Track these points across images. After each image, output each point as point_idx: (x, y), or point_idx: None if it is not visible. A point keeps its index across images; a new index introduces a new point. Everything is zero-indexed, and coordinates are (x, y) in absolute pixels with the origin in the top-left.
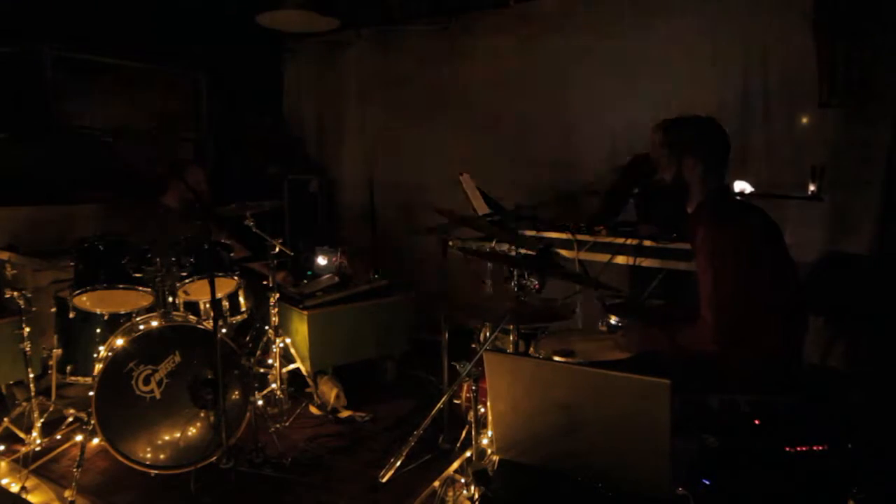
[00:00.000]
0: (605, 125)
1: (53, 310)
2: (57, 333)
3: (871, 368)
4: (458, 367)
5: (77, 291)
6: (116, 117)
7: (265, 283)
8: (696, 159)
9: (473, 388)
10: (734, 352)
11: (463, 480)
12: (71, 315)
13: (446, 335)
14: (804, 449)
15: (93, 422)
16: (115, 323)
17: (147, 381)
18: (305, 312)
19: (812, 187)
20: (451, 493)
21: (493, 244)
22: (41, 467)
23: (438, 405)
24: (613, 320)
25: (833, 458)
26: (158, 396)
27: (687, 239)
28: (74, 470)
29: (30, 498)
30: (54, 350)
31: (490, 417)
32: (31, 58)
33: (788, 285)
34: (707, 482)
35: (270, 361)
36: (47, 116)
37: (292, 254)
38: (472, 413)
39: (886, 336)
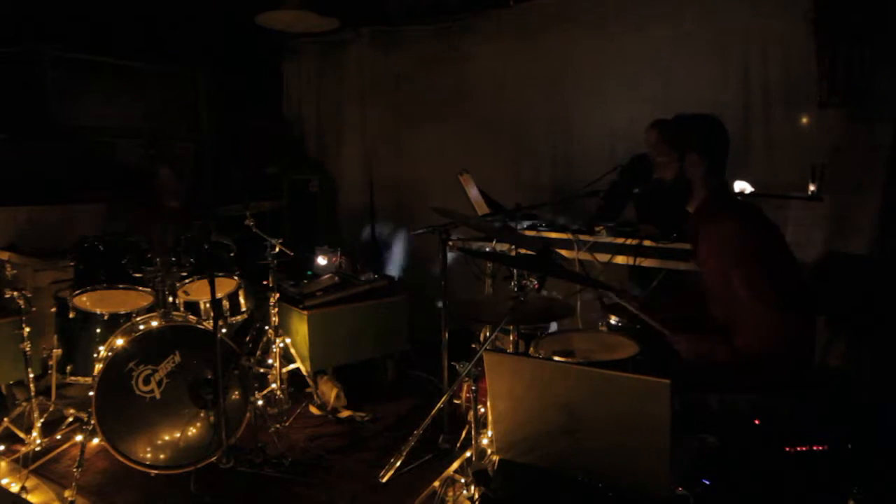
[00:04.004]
0: (605, 125)
1: (53, 310)
2: (57, 333)
3: (871, 368)
4: (458, 367)
5: (77, 291)
6: (116, 117)
7: (265, 282)
8: (699, 156)
9: (473, 388)
10: (761, 351)
11: (463, 480)
12: (71, 315)
13: (446, 335)
14: (804, 449)
15: (93, 422)
16: (115, 323)
17: (147, 381)
18: (305, 312)
19: (812, 187)
20: (451, 493)
21: (493, 244)
22: (41, 467)
23: (438, 405)
24: (613, 320)
25: (833, 458)
26: (158, 396)
27: (688, 238)
28: (74, 470)
29: (30, 498)
30: (54, 350)
31: (490, 417)
32: (31, 58)
33: (802, 282)
34: (707, 482)
35: (270, 361)
36: (47, 116)
37: (292, 254)
38: (472, 413)
39: (886, 336)
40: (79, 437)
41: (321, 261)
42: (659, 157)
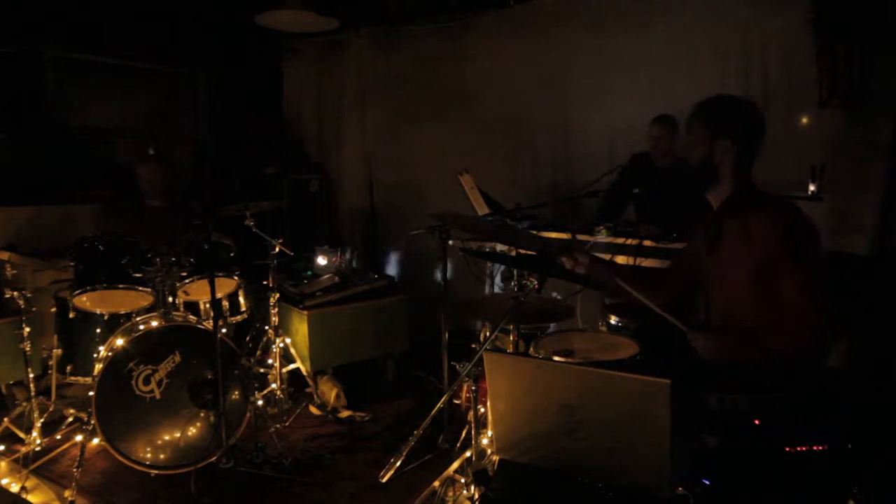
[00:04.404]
0: (605, 125)
1: (53, 310)
2: (57, 333)
3: (871, 368)
4: (458, 367)
5: (77, 291)
6: (116, 117)
7: (265, 282)
8: (732, 141)
9: (473, 388)
10: (796, 351)
11: (463, 480)
12: (71, 315)
13: (446, 335)
14: (804, 449)
15: (93, 422)
16: (115, 323)
17: (147, 381)
18: (305, 312)
19: (812, 187)
20: (451, 493)
21: (494, 244)
22: (41, 467)
23: (438, 405)
24: (613, 320)
25: (833, 458)
26: (158, 396)
27: (697, 230)
28: (74, 470)
29: (30, 498)
30: (54, 350)
31: (490, 417)
32: (31, 58)
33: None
34: (707, 482)
35: (270, 361)
36: (47, 116)
37: (292, 254)
38: (472, 413)
39: (886, 336)
40: (79, 437)
41: (321, 261)
42: (687, 136)
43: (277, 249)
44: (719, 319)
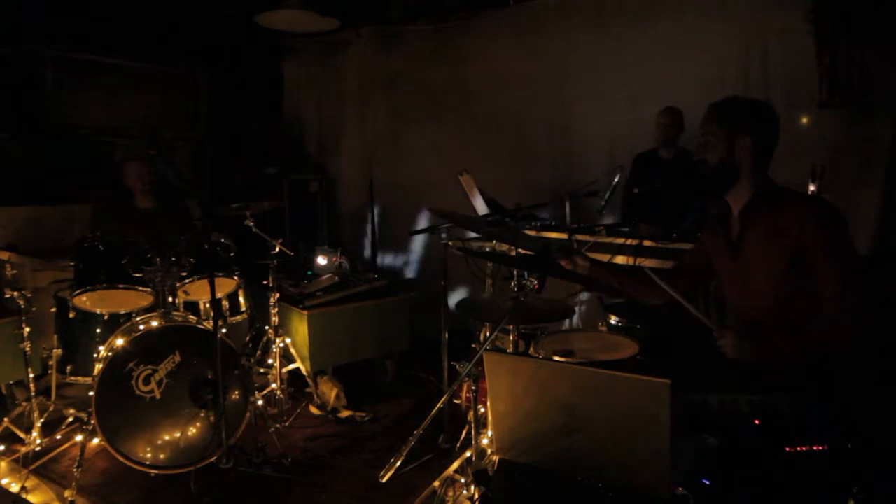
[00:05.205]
0: (606, 124)
1: (53, 310)
2: (57, 333)
3: (870, 368)
4: (458, 367)
5: (77, 291)
6: (116, 117)
7: (265, 282)
8: (752, 140)
9: (473, 388)
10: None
11: (463, 480)
12: (71, 315)
13: (446, 335)
14: (804, 449)
15: (93, 422)
16: (115, 323)
17: (147, 381)
18: (305, 312)
19: (812, 187)
20: (451, 493)
21: (493, 244)
22: (41, 467)
23: (438, 405)
24: (613, 320)
25: (833, 458)
26: (158, 396)
27: (706, 231)
28: (74, 470)
29: (30, 498)
30: (54, 350)
31: (490, 417)
32: (31, 58)
33: None
34: (707, 482)
35: (270, 361)
36: (47, 116)
37: (292, 254)
38: (472, 413)
39: (886, 336)
40: (79, 437)
41: (321, 261)
42: (703, 137)
43: (277, 249)
44: (739, 322)
